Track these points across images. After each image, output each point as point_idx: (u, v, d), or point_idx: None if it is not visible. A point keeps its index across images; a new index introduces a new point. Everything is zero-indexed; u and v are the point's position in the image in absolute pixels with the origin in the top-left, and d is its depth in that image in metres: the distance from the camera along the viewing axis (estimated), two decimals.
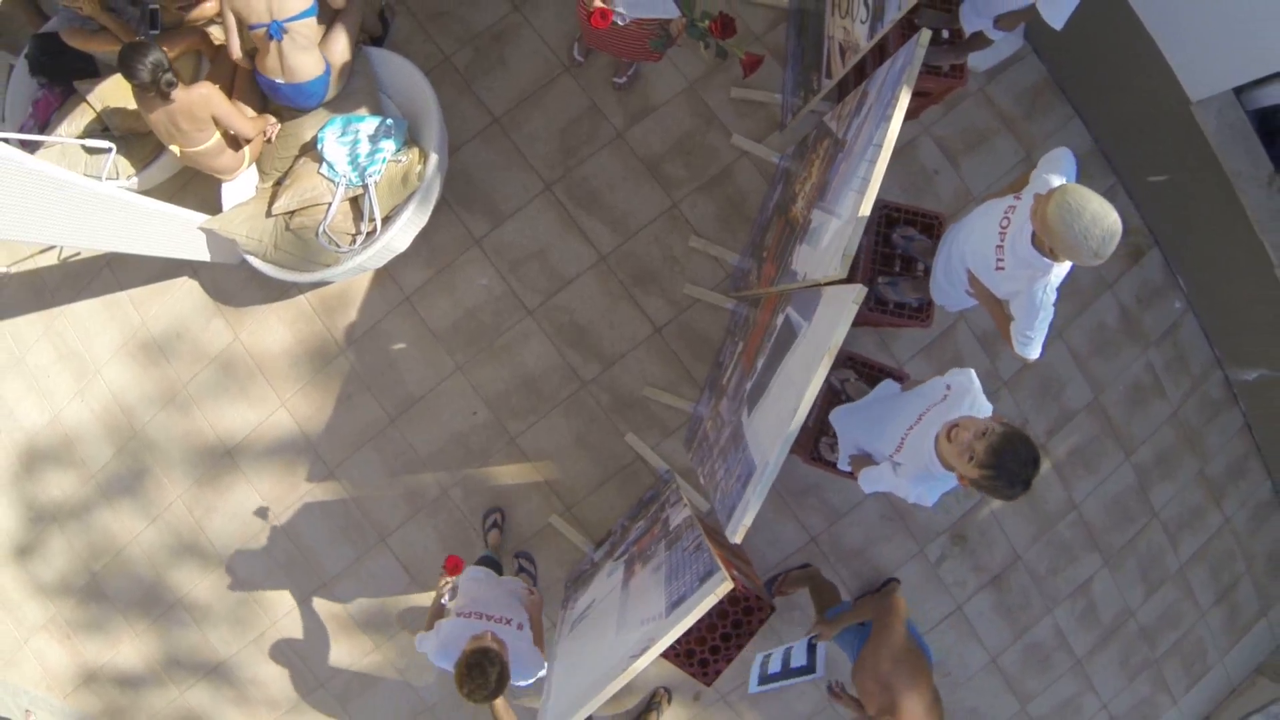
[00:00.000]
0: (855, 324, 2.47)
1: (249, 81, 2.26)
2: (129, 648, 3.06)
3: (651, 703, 2.76)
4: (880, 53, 2.15)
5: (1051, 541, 2.87)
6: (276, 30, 1.98)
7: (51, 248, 3.01)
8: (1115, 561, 3.00)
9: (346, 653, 2.79)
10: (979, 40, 1.92)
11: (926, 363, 2.57)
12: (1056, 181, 1.39)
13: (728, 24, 1.55)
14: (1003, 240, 1.45)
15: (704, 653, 2.00)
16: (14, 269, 3.06)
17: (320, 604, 2.77)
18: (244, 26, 2.05)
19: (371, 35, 2.46)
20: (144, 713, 3.12)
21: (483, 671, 1.49)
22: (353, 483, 2.64)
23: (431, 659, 1.72)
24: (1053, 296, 1.44)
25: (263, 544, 2.73)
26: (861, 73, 2.12)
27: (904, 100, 1.42)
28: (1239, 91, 2.67)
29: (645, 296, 2.59)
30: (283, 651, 2.85)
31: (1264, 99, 2.63)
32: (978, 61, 2.75)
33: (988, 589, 2.82)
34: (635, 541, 1.99)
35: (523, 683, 1.72)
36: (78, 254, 2.94)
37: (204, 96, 2.03)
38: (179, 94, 1.99)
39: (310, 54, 2.07)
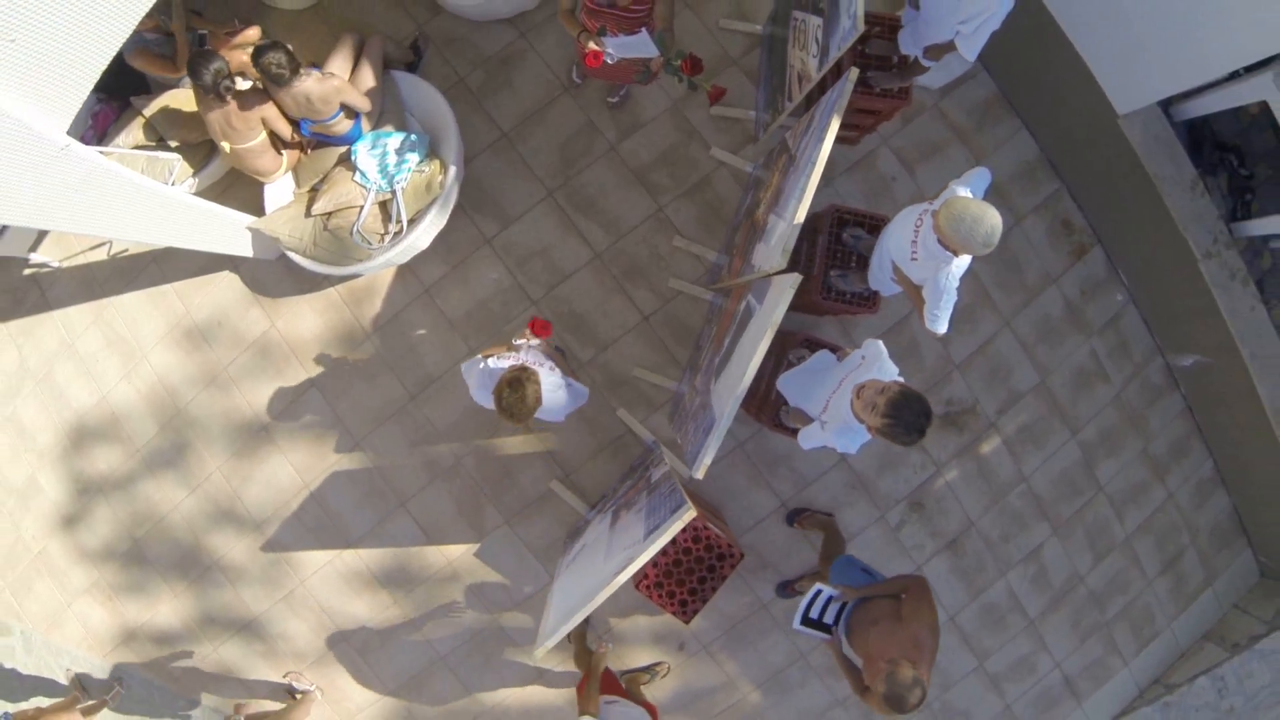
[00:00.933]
0: (815, 313, 2.90)
1: None
2: (167, 608, 3.48)
3: (652, 669, 3.15)
4: (837, 75, 2.57)
5: (1003, 510, 3.28)
6: (305, 129, 2.42)
7: (102, 244, 3.44)
8: (1064, 531, 3.41)
9: (367, 608, 3.22)
10: (916, 67, 2.33)
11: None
12: (962, 192, 1.81)
13: (695, 63, 1.97)
14: (916, 237, 1.86)
15: (683, 594, 2.42)
16: (64, 263, 3.50)
17: (344, 564, 3.19)
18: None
19: (405, 63, 2.89)
20: (179, 664, 3.54)
21: (520, 386, 1.78)
22: (376, 453, 3.06)
23: (472, 394, 2.09)
24: (955, 283, 1.85)
25: (294, 510, 3.16)
26: (825, 91, 2.54)
27: (834, 127, 1.84)
28: (1169, 104, 3.11)
29: (634, 289, 3.02)
30: (309, 608, 3.27)
31: (1190, 111, 3.06)
32: (932, 80, 3.17)
33: (944, 553, 3.23)
34: (622, 495, 2.41)
35: (553, 416, 2.05)
36: (125, 250, 3.37)
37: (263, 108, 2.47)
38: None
39: (342, 125, 2.51)
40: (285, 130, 2.59)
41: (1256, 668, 3.73)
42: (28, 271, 3.51)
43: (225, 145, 2.59)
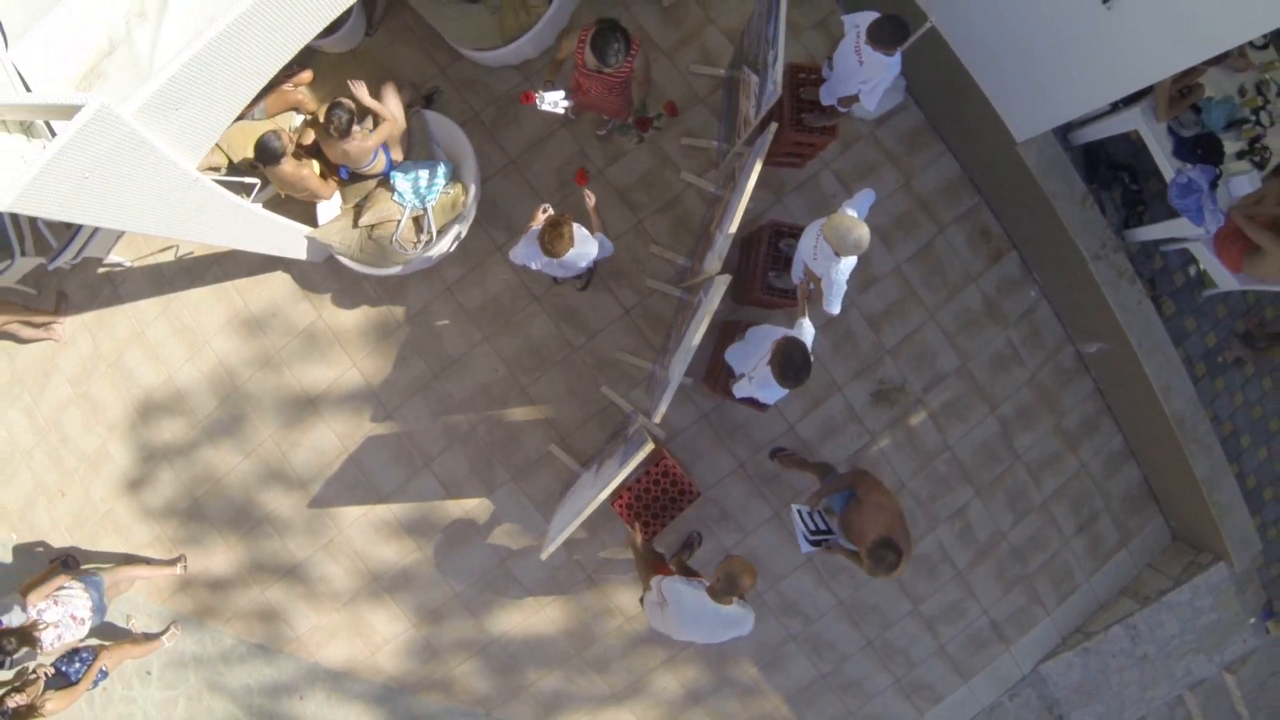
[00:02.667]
0: (762, 306, 3.70)
1: None
2: (221, 557, 4.32)
3: (688, 540, 3.87)
4: (794, 109, 3.37)
5: (930, 474, 4.09)
6: (345, 174, 3.25)
7: (170, 247, 4.28)
8: (986, 493, 4.22)
9: (394, 553, 4.05)
10: (834, 112, 3.15)
11: (824, 336, 3.82)
12: (849, 211, 2.62)
13: (672, 107, 2.78)
14: (816, 243, 2.68)
15: (647, 516, 3.26)
16: (135, 264, 4.34)
17: (376, 516, 4.03)
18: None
19: (425, 96, 3.72)
20: (229, 609, 4.38)
21: (559, 225, 2.55)
22: (404, 422, 3.90)
23: (520, 260, 2.89)
24: (843, 277, 2.65)
25: (334, 470, 4.00)
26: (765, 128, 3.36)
27: (758, 167, 2.66)
28: (1067, 130, 3.92)
29: (618, 288, 3.85)
30: (345, 554, 4.11)
31: (1084, 136, 3.90)
32: (868, 112, 3.99)
33: None
34: (606, 452, 3.23)
35: (585, 261, 2.86)
36: (191, 252, 4.21)
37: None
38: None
39: (375, 168, 3.33)
40: (325, 191, 3.43)
41: (1165, 619, 4.55)
42: (101, 270, 4.36)
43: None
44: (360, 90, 3.18)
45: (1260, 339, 4.29)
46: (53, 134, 2.38)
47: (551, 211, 2.84)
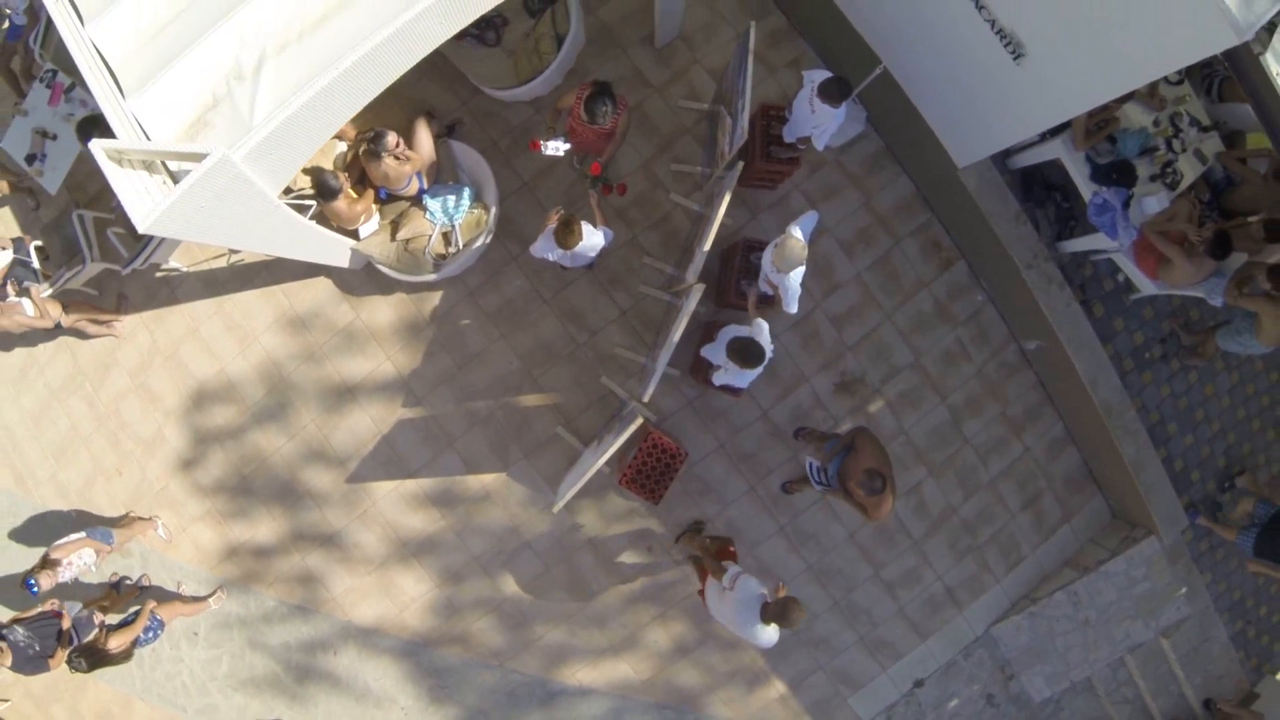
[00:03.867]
0: (733, 307, 4.41)
1: None
2: (265, 528, 5.02)
3: (693, 526, 4.60)
4: (764, 142, 4.08)
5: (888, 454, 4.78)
6: (383, 194, 3.96)
7: (223, 254, 4.98)
8: (938, 472, 4.93)
9: (420, 522, 4.76)
10: (794, 149, 3.86)
11: (793, 334, 4.53)
12: (795, 231, 3.33)
13: (623, 189, 3.52)
14: (772, 259, 3.40)
15: (650, 483, 3.99)
16: (190, 269, 5.05)
17: (406, 489, 4.74)
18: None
19: (448, 126, 4.42)
20: (272, 574, 5.08)
21: (570, 224, 3.26)
22: (431, 408, 4.61)
23: (539, 253, 3.62)
24: (795, 285, 3.35)
25: (369, 450, 4.71)
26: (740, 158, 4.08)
27: (728, 198, 3.36)
28: (1006, 156, 4.62)
29: (616, 292, 4.56)
30: (378, 523, 4.81)
31: (1020, 162, 4.60)
32: (835, 140, 4.69)
33: None
34: (604, 430, 3.94)
35: (593, 252, 3.61)
36: (242, 259, 4.92)
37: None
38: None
39: (410, 190, 4.04)
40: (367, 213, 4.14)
41: (1104, 587, 5.25)
42: (159, 274, 5.07)
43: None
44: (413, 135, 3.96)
45: (1185, 339, 5.00)
46: (168, 171, 3.10)
47: (563, 211, 3.58)
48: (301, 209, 4.22)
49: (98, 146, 2.90)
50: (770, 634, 3.49)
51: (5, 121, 5.63)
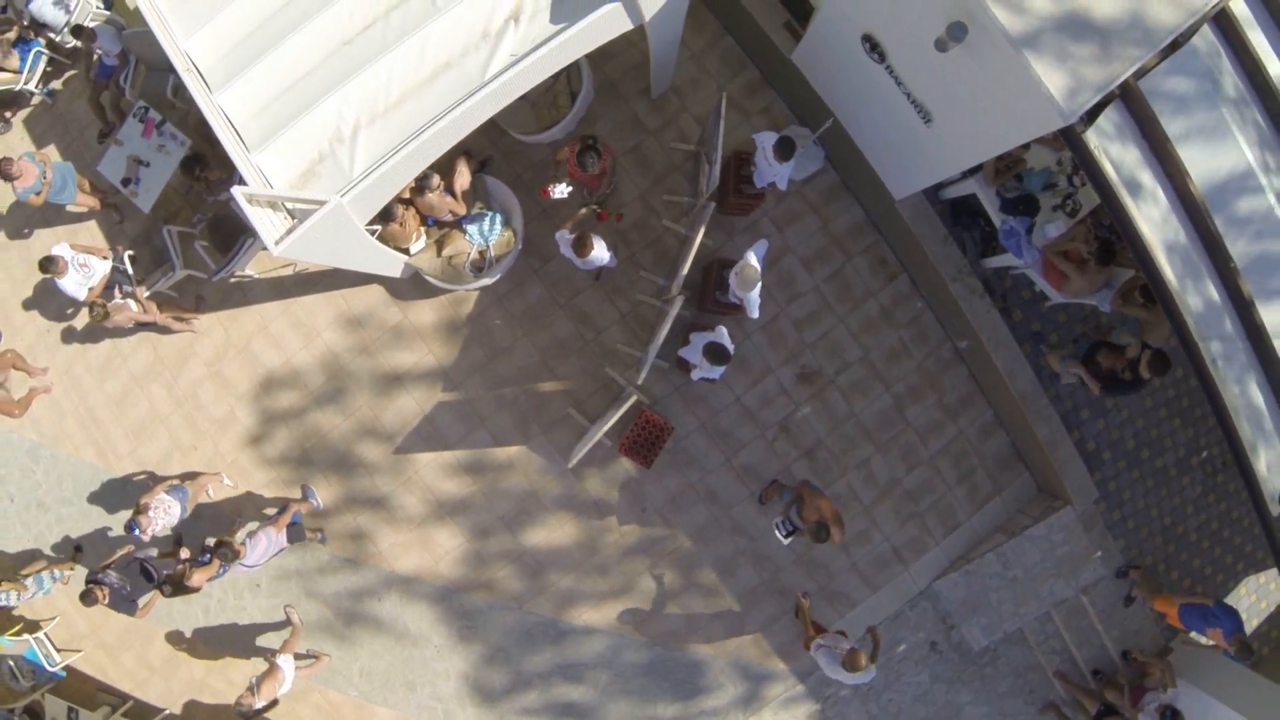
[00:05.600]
0: (711, 313, 5.71)
1: None
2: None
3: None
4: (737, 181, 5.31)
5: (840, 434, 6.02)
6: (430, 221, 5.19)
7: (290, 264, 6.21)
8: (883, 449, 6.15)
9: (455, 487, 5.99)
10: (764, 191, 5.10)
11: (762, 334, 5.77)
12: (751, 258, 4.57)
13: (619, 217, 4.76)
14: (734, 280, 4.63)
15: (643, 451, 5.24)
16: (261, 275, 6.28)
17: (443, 460, 5.96)
18: None
19: (481, 162, 5.66)
20: (328, 530, 6.30)
21: (584, 239, 4.50)
22: (466, 392, 5.84)
23: (564, 251, 4.80)
24: (755, 295, 4.57)
25: (413, 427, 5.93)
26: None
27: (701, 231, 4.60)
28: (940, 189, 5.86)
29: (618, 300, 5.79)
30: (419, 488, 6.04)
31: (950, 193, 5.83)
32: (797, 174, 5.93)
33: (803, 459, 5.98)
34: (607, 410, 5.19)
35: (599, 264, 4.87)
36: (307, 268, 6.14)
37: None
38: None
39: (450, 217, 5.28)
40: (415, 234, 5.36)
41: (1028, 549, 6.47)
42: (233, 280, 6.30)
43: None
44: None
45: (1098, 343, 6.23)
46: (286, 209, 4.32)
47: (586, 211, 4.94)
48: (370, 232, 5.47)
49: (239, 191, 4.12)
50: (857, 676, 4.91)
51: (90, 147, 6.90)
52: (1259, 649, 7.79)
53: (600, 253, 4.79)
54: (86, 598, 5.49)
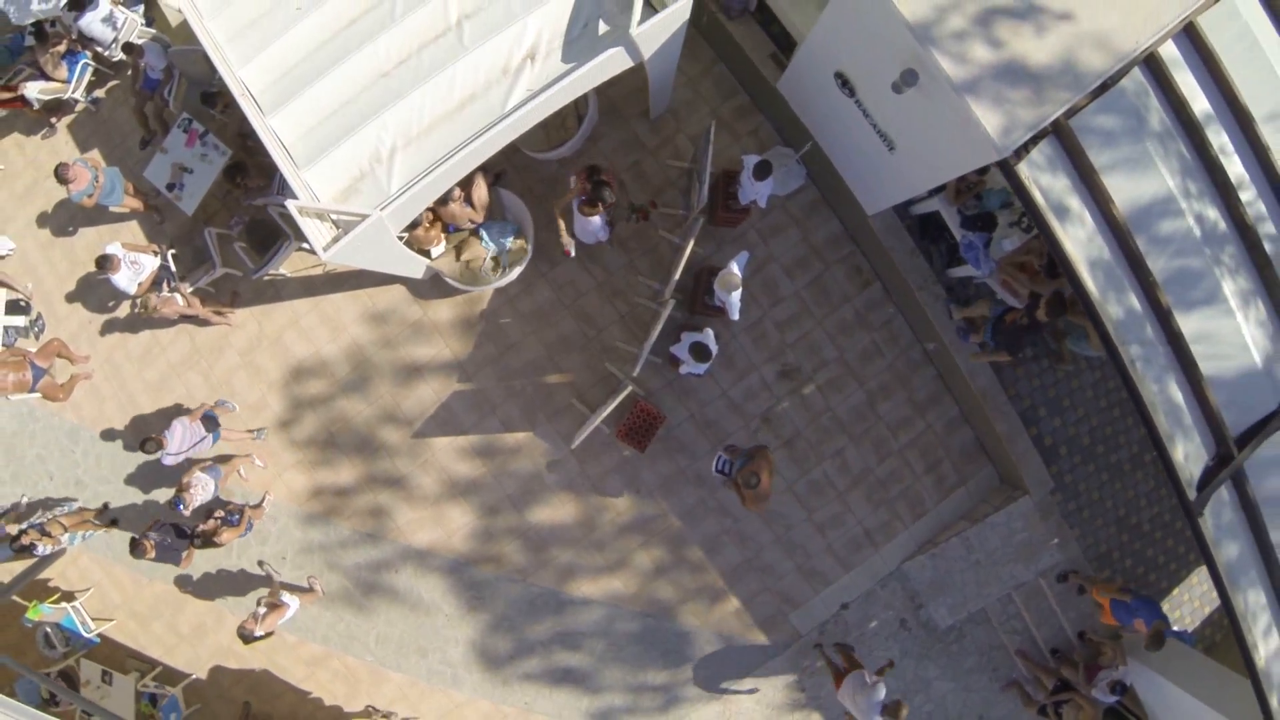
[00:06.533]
0: (701, 314, 6.51)
1: None
2: (346, 473, 7.02)
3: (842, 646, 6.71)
4: (725, 197, 6.10)
5: (818, 426, 6.79)
6: (451, 229, 5.97)
7: (320, 265, 6.98)
8: (857, 440, 6.92)
9: (467, 469, 6.75)
10: (749, 206, 5.87)
11: (746, 335, 6.54)
12: (733, 266, 5.34)
13: (645, 214, 5.50)
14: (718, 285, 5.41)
15: (638, 436, 6.00)
16: (293, 274, 7.05)
17: (456, 444, 6.73)
18: None
19: (495, 175, 6.44)
20: (350, 508, 7.07)
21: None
22: (479, 383, 6.61)
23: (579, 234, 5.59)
24: (737, 302, 5.34)
25: (431, 413, 6.70)
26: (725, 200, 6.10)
27: (692, 241, 5.38)
28: (910, 205, 6.63)
29: (617, 301, 6.56)
30: (435, 469, 6.81)
31: (917, 210, 6.61)
32: (780, 190, 6.71)
33: (783, 448, 6.75)
34: (606, 400, 5.96)
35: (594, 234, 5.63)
36: (335, 269, 6.92)
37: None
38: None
39: (469, 225, 6.05)
40: (438, 240, 6.12)
41: (990, 535, 7.24)
42: (266, 278, 7.07)
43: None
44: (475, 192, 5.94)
45: (1051, 344, 7.01)
46: (333, 220, 5.08)
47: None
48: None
49: (292, 205, 4.88)
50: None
51: (132, 152, 7.67)
52: (1211, 634, 8.60)
53: (598, 221, 5.50)
54: (135, 549, 6.24)
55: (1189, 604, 8.23)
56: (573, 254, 5.66)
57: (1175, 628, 8.18)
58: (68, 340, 7.45)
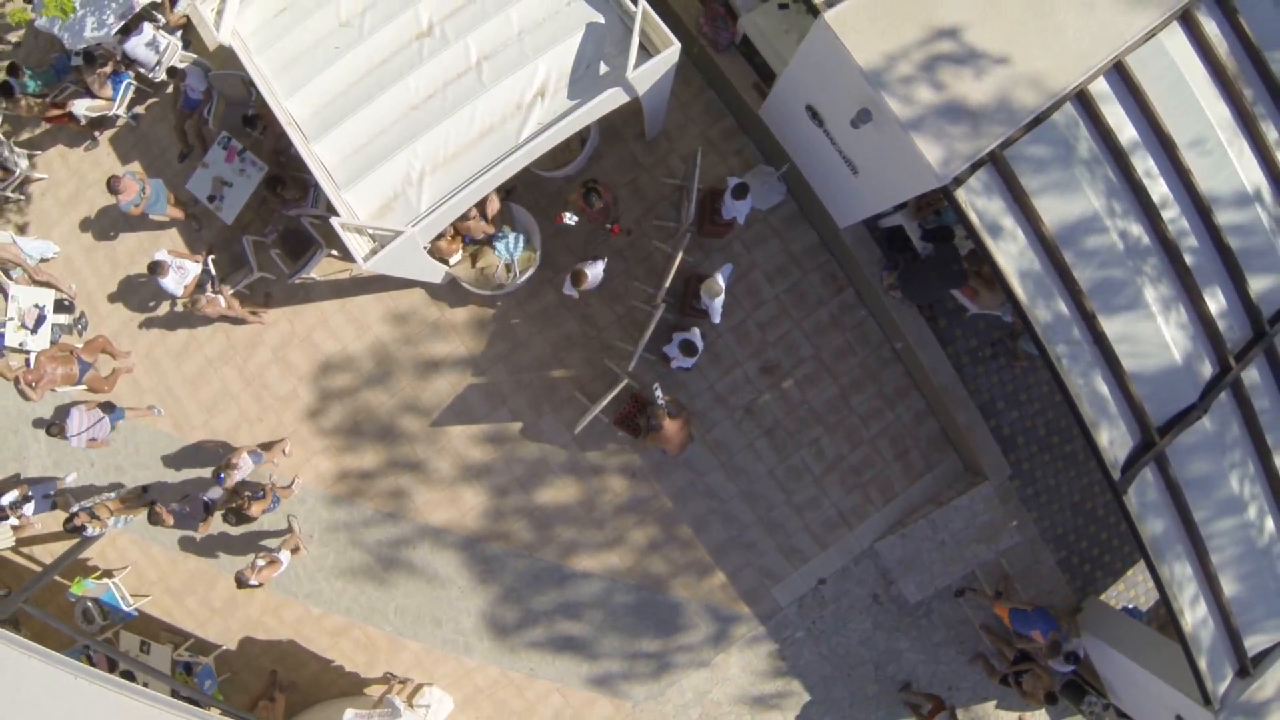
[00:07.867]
0: (691, 316, 7.52)
1: None
2: (369, 458, 8.01)
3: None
4: (711, 212, 7.11)
5: (795, 416, 7.77)
6: (469, 240, 6.98)
7: (348, 268, 7.98)
8: (831, 431, 7.91)
9: (480, 454, 7.75)
10: (732, 220, 6.87)
11: (731, 334, 7.55)
12: (718, 276, 6.33)
13: (626, 232, 6.49)
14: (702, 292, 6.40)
15: (633, 424, 6.97)
16: (322, 278, 8.05)
17: (470, 431, 7.72)
18: None
19: (506, 190, 7.44)
20: (373, 490, 8.05)
21: (578, 274, 6.13)
22: (491, 377, 7.60)
23: (566, 291, 6.56)
24: (719, 307, 6.34)
25: (447, 404, 7.68)
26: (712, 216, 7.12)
27: (681, 251, 6.39)
28: (878, 219, 7.64)
29: (615, 304, 7.55)
30: (450, 454, 7.80)
31: (885, 224, 7.62)
32: (762, 205, 7.71)
33: (764, 436, 7.74)
34: (605, 393, 6.97)
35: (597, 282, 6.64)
36: (361, 272, 7.92)
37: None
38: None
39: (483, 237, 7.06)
40: (456, 249, 7.12)
41: (953, 517, 8.22)
42: (297, 281, 8.07)
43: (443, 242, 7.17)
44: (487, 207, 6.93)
45: (1009, 344, 8.02)
46: (370, 234, 6.08)
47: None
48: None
49: (336, 222, 5.87)
50: None
51: (170, 165, 8.66)
52: (1160, 612, 9.59)
53: (594, 273, 6.51)
54: (153, 517, 7.21)
55: (1143, 583, 9.21)
56: (566, 222, 6.68)
57: (1130, 605, 9.21)
58: (110, 337, 8.40)
